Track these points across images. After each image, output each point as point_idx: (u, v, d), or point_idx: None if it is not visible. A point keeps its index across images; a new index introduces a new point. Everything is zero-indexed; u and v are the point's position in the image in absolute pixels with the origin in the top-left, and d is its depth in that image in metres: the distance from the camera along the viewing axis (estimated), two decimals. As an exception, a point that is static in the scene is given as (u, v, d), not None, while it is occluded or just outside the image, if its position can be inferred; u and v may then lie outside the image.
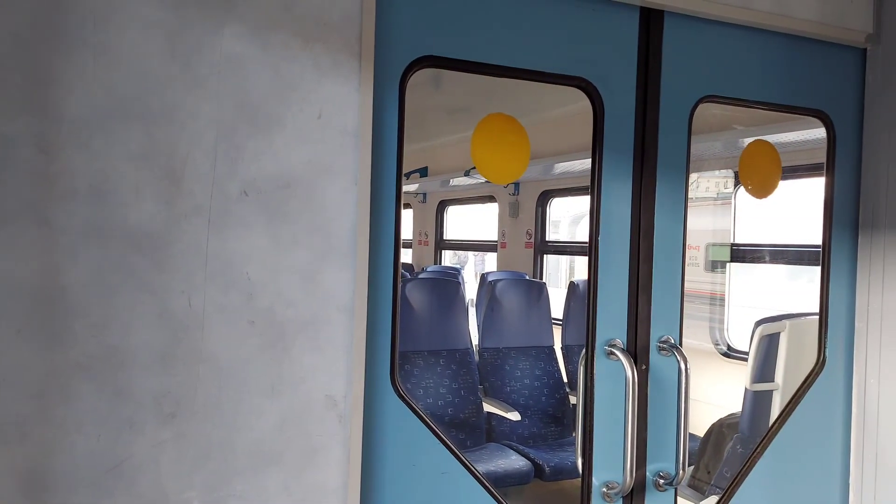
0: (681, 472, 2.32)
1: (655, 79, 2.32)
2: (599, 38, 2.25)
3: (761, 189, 2.71)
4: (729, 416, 4.02)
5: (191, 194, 1.67)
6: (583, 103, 2.29)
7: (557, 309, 5.81)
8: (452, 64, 2.08)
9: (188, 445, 1.67)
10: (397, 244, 1.98)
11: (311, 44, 1.78)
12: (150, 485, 1.64)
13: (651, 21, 2.31)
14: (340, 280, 1.83)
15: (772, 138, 2.84)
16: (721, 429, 3.94)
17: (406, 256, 9.81)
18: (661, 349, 2.35)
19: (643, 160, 2.31)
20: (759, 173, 2.71)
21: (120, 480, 1.61)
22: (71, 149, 1.55)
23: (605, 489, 2.30)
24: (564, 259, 7.83)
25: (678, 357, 2.32)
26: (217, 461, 1.71)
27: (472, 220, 9.19)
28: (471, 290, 6.75)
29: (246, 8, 1.71)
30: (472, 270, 9.54)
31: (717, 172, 5.44)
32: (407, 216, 9.54)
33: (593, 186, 2.29)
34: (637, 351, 2.32)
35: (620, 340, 2.31)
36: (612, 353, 2.28)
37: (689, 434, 2.35)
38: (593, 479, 2.30)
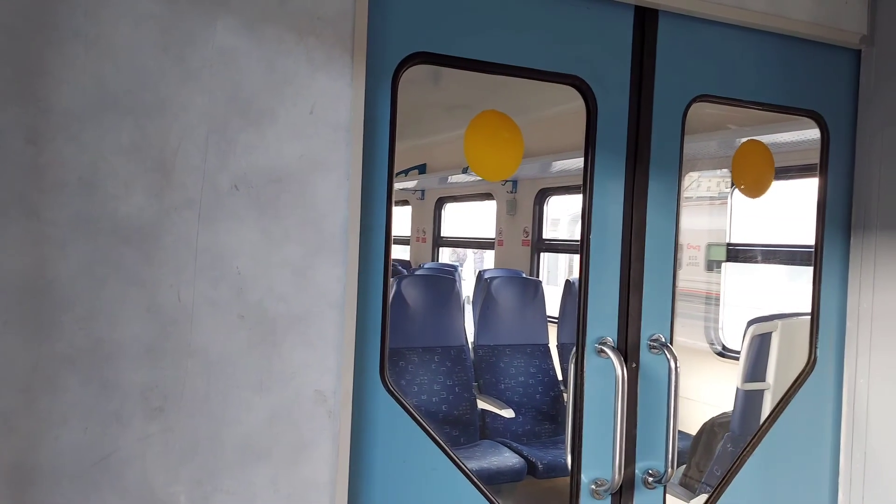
0: (669, 469, 2.32)
1: (649, 78, 2.32)
2: (594, 36, 2.25)
3: (754, 189, 2.72)
4: (721, 414, 4.02)
5: (181, 187, 1.67)
6: (581, 101, 2.29)
7: (556, 307, 5.82)
8: (445, 61, 2.08)
9: (175, 439, 1.67)
10: (388, 240, 1.98)
11: (305, 38, 1.78)
12: (137, 479, 1.64)
13: (646, 20, 2.31)
14: (331, 276, 1.83)
15: (767, 138, 2.84)
16: (713, 427, 3.95)
17: (404, 253, 9.81)
18: (651, 347, 2.36)
19: (636, 159, 2.32)
20: (753, 173, 2.71)
21: (106, 474, 1.61)
22: (61, 140, 1.55)
23: (593, 486, 2.30)
24: (564, 257, 7.83)
25: (668, 355, 2.32)
26: (204, 455, 1.71)
27: (471, 218, 9.19)
28: (470, 288, 6.76)
29: (239, 1, 1.71)
30: (472, 268, 9.54)
31: (718, 172, 5.44)
32: (405, 213, 9.53)
33: (586, 185, 2.29)
34: (627, 349, 2.33)
35: (611, 338, 2.31)
36: (603, 351, 2.28)
37: (682, 433, 2.35)
38: (582, 476, 2.30)
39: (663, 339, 2.36)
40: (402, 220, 9.59)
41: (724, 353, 5.33)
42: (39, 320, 1.55)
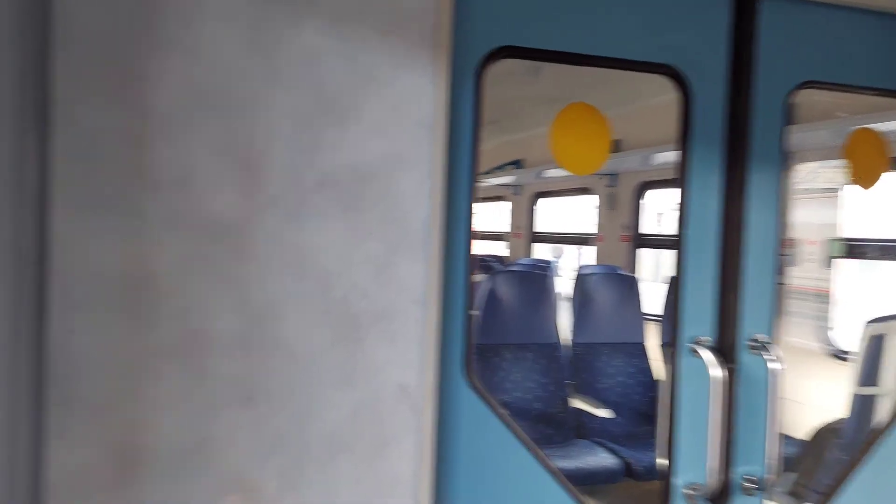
0: (770, 475, 2.20)
1: (748, 64, 2.19)
2: (687, 22, 2.15)
3: (866, 179, 2.54)
4: (837, 420, 3.79)
5: (268, 185, 1.70)
6: None
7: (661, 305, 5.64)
8: (531, 54, 2.04)
9: (264, 430, 1.72)
10: (469, 237, 1.97)
11: (388, 35, 1.78)
12: (229, 466, 1.69)
13: (745, 2, 2.20)
14: (414, 272, 1.83)
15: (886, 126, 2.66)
16: (826, 434, 3.73)
17: (503, 249, 9.80)
18: (752, 348, 2.24)
19: (734, 150, 2.20)
20: (864, 163, 2.53)
21: (200, 459, 1.67)
22: (158, 141, 1.61)
23: (688, 490, 2.21)
24: (669, 254, 7.57)
25: (769, 356, 2.20)
26: (291, 448, 1.74)
27: (572, 213, 9.06)
28: (566, 284, 6.66)
29: (325, 0, 1.74)
30: (575, 264, 9.39)
31: (837, 162, 5.13)
32: (504, 209, 9.50)
33: (681, 178, 2.20)
34: (725, 349, 2.22)
35: (708, 338, 2.22)
36: (698, 351, 2.19)
37: (790, 438, 2.22)
38: (676, 479, 2.21)
39: (764, 340, 2.23)
40: (500, 216, 9.58)
41: (841, 355, 5.02)
42: (140, 312, 1.62)
